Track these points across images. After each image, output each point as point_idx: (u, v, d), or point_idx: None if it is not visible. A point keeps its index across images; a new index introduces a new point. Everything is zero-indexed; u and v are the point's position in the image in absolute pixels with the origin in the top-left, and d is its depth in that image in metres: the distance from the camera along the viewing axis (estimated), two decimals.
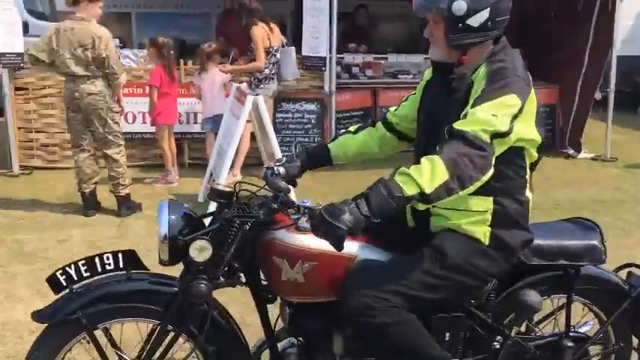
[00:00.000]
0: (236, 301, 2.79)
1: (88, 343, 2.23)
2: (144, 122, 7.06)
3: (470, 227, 2.21)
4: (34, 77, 6.91)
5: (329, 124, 7.39)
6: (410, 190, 1.96)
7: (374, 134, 2.57)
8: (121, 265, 2.28)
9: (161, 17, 10.04)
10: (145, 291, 2.27)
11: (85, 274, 2.26)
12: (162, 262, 2.25)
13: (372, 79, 8.17)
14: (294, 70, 6.96)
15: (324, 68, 7.21)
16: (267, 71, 6.60)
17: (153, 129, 6.81)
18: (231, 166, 5.89)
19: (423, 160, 2.01)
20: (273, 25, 6.72)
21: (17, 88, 6.90)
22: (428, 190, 1.95)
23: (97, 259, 2.26)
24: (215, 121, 6.56)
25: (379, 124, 2.57)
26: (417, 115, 2.41)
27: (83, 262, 2.26)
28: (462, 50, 2.23)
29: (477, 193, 2.12)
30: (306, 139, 7.42)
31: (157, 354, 2.25)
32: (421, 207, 2.06)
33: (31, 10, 10.09)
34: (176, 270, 2.27)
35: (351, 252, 2.20)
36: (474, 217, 2.21)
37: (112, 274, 2.27)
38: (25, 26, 6.94)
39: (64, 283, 2.24)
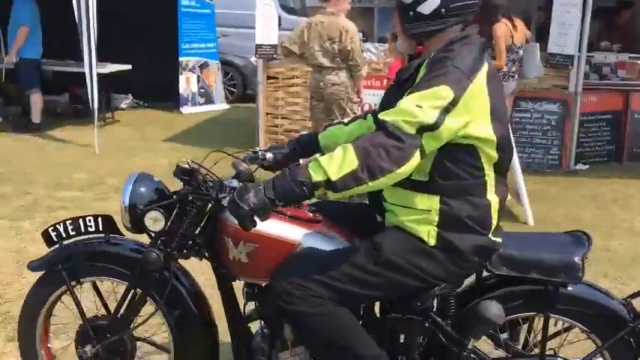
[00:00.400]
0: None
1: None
2: None
3: (413, 225, 2.09)
4: (284, 67, 7.45)
5: (571, 127, 6.93)
6: (317, 177, 1.92)
7: (363, 125, 2.46)
8: (100, 228, 2.45)
9: None
10: (118, 254, 2.43)
11: (71, 233, 2.46)
12: (127, 229, 2.36)
13: (625, 80, 7.47)
14: (538, 68, 6.62)
15: (570, 67, 6.77)
16: (506, 69, 6.37)
17: None
18: None
19: (338, 148, 1.96)
20: (517, 22, 6.45)
21: (268, 77, 7.49)
22: (333, 178, 1.91)
23: (80, 220, 2.45)
24: None
25: (369, 115, 2.46)
26: None
27: (70, 221, 2.45)
28: (418, 40, 2.15)
29: (422, 190, 2.06)
30: (544, 141, 7.04)
31: (126, 312, 2.40)
32: (332, 195, 1.96)
33: (284, 5, 10.87)
34: None
35: (297, 239, 2.18)
36: (418, 216, 2.08)
37: (93, 235, 2.45)
38: (278, 20, 7.50)
39: (55, 239, 2.46)
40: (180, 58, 9.77)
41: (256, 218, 1.98)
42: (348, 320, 2.11)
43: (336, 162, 1.92)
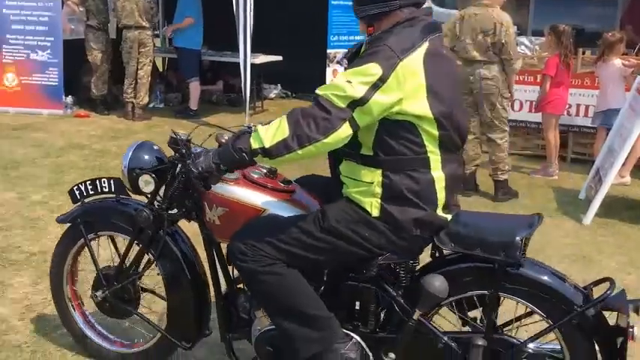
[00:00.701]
0: None
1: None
2: (530, 111, 6.94)
3: (358, 197, 2.22)
4: None
5: None
6: (255, 144, 2.11)
7: None
8: (113, 189, 2.78)
9: (560, 4, 9.67)
10: (124, 212, 2.74)
11: (90, 192, 2.81)
12: (128, 190, 2.68)
13: None
14: None
15: None
16: None
17: (538, 119, 6.66)
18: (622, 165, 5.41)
19: (276, 119, 2.13)
20: None
21: None
22: (267, 145, 2.09)
23: (97, 182, 2.80)
24: (607, 115, 6.11)
25: None
26: None
27: (89, 182, 2.81)
28: (368, 22, 2.22)
29: (367, 164, 2.18)
30: None
31: (130, 263, 2.73)
32: (268, 162, 2.15)
33: None
34: None
35: (263, 206, 2.38)
36: (363, 188, 2.20)
37: (107, 195, 2.80)
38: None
39: (78, 197, 2.83)
40: (329, 50, 9.94)
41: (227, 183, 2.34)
42: (297, 281, 2.26)
43: (271, 131, 2.11)
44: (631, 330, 2.07)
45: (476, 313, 2.39)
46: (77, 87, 9.00)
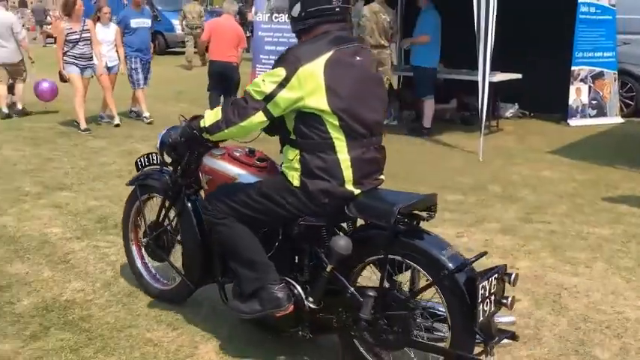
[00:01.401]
0: None
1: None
2: None
3: (286, 170, 2.84)
4: None
5: None
6: (201, 124, 2.92)
7: None
8: (158, 162, 3.62)
9: None
10: (161, 179, 3.57)
11: (145, 163, 3.71)
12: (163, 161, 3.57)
13: None
14: None
15: None
16: None
17: None
18: None
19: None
20: None
21: None
22: (207, 125, 2.88)
23: (150, 155, 3.69)
24: None
25: None
26: None
27: (146, 156, 3.71)
28: (297, 36, 2.85)
29: (292, 145, 2.79)
30: None
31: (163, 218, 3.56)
32: (210, 137, 2.94)
33: None
34: None
35: (234, 175, 3.11)
36: (288, 164, 2.82)
37: (155, 167, 3.67)
38: None
39: (139, 166, 3.73)
40: (573, 68, 9.32)
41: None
42: (243, 233, 2.93)
43: (212, 115, 2.88)
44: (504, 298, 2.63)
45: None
46: None
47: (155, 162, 3.66)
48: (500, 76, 8.67)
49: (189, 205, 3.37)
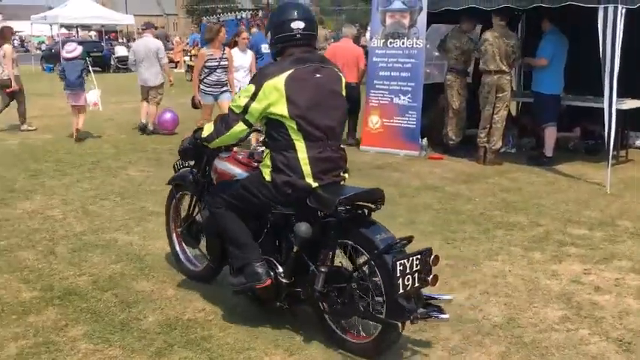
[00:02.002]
0: None
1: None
2: None
3: (262, 168, 3.52)
4: None
5: None
6: (201, 135, 3.73)
7: None
8: (187, 165, 4.32)
9: None
10: (190, 178, 4.23)
11: (181, 166, 4.39)
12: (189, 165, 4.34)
13: None
14: None
15: None
16: None
17: None
18: None
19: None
20: None
21: None
22: (204, 135, 3.68)
23: (181, 160, 4.32)
24: None
25: None
26: None
27: (179, 160, 4.31)
28: (274, 58, 3.58)
29: (266, 147, 3.50)
30: None
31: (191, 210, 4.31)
32: (210, 145, 3.75)
33: None
34: None
35: (235, 174, 3.81)
36: (264, 162, 3.51)
37: (186, 168, 4.33)
38: None
39: (176, 169, 4.43)
40: None
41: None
42: (234, 219, 3.60)
43: (208, 128, 3.65)
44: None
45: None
46: (431, 130, 9.34)
47: (186, 165, 4.34)
48: (631, 103, 8.15)
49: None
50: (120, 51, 26.42)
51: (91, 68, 12.30)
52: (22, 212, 5.98)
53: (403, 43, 8.99)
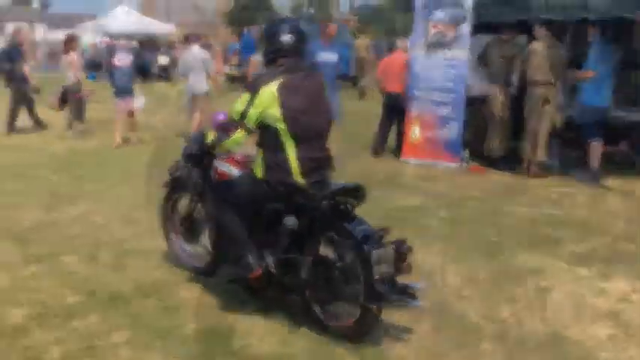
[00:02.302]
0: None
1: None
2: None
3: (255, 167, 3.83)
4: None
5: None
6: (206, 140, 4.04)
7: None
8: (186, 167, 4.46)
9: None
10: (192, 180, 4.43)
11: (176, 170, 4.62)
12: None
13: None
14: None
15: None
16: None
17: None
18: None
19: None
20: None
21: None
22: (208, 141, 3.99)
23: (180, 162, 4.50)
24: None
25: None
26: None
27: (176, 162, 4.58)
28: (266, 66, 3.88)
29: (260, 147, 3.81)
30: None
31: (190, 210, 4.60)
32: (213, 151, 4.09)
33: None
34: None
35: (233, 173, 4.10)
36: (257, 161, 3.82)
37: (184, 171, 4.51)
38: None
39: (172, 172, 4.63)
40: None
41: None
42: (231, 215, 3.89)
43: (212, 134, 3.96)
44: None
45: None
46: (474, 142, 9.20)
47: (181, 166, 4.59)
48: None
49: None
50: (162, 60, 26.85)
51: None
52: (66, 217, 6.08)
53: (446, 54, 8.92)
